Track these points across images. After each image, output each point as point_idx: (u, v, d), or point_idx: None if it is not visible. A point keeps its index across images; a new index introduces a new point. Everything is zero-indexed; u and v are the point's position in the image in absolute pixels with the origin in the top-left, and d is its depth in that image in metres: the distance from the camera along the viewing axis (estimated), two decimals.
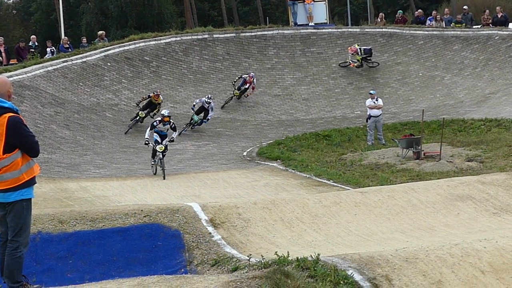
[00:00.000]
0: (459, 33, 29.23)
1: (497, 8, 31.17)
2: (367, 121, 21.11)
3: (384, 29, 30.06)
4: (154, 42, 27.58)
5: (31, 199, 6.32)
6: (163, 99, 24.39)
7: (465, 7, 32.21)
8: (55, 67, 24.40)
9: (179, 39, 28.16)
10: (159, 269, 8.20)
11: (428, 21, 30.93)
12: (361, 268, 6.77)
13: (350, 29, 30.63)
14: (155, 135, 18.04)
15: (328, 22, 32.11)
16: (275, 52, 28.82)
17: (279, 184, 15.72)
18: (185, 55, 27.73)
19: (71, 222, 9.10)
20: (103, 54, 26.18)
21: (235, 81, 25.92)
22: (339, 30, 30.23)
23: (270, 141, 21.96)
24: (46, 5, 50.78)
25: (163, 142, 17.78)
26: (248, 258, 7.53)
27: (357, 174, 16.39)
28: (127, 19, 44.24)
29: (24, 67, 23.81)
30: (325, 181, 15.73)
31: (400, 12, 33.27)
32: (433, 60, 28.37)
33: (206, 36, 28.63)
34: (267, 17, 46.17)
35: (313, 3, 30.73)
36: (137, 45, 27.15)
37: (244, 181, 16.26)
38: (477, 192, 10.96)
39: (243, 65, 27.99)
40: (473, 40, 28.62)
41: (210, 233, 8.93)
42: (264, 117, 25.86)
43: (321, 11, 31.23)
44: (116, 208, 10.11)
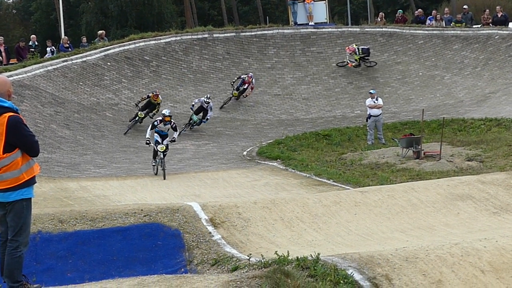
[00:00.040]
0: (459, 32, 29.23)
1: (497, 7, 31.16)
2: (367, 121, 21.10)
3: (384, 29, 30.05)
4: (154, 41, 27.57)
5: (31, 198, 6.32)
6: (163, 99, 24.37)
7: (465, 6, 32.20)
8: (55, 67, 24.39)
9: (179, 38, 28.15)
10: (159, 268, 8.20)
11: (428, 20, 30.93)
12: (361, 267, 6.77)
13: (350, 29, 30.62)
14: (156, 135, 17.87)
15: (328, 21, 32.10)
16: (275, 51, 28.81)
17: (279, 183, 15.71)
18: (185, 54, 27.73)
19: (71, 221, 9.10)
20: (103, 53, 26.18)
21: (233, 81, 25.88)
22: (339, 29, 30.23)
23: (270, 141, 21.96)
24: (46, 4, 50.80)
25: (164, 142, 17.68)
26: (248, 257, 7.53)
27: (357, 173, 16.38)
28: (127, 18, 44.26)
29: (24, 66, 23.80)
30: (325, 180, 15.73)
31: (400, 11, 33.28)
32: (433, 59, 28.36)
33: (206, 35, 28.63)
34: (267, 17, 46.17)
35: (313, 2, 30.72)
36: (137, 45, 27.15)
37: (244, 181, 16.26)
38: (477, 191, 10.97)
39: (243, 65, 27.99)
40: (473, 39, 28.62)
41: (210, 233, 8.93)
42: (264, 117, 25.86)
43: (321, 10, 31.23)
44: (116, 207, 10.11)
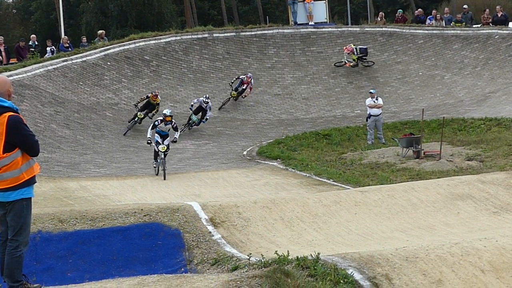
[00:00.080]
0: (459, 32, 29.22)
1: (497, 7, 31.17)
2: (367, 120, 21.10)
3: (384, 28, 30.04)
4: (154, 41, 27.57)
5: (31, 198, 6.31)
6: (163, 99, 24.36)
7: (465, 6, 32.20)
8: (55, 67, 24.39)
9: (179, 38, 28.15)
10: (159, 268, 8.20)
11: (428, 20, 30.93)
12: (361, 267, 6.77)
13: (350, 28, 30.61)
14: (156, 136, 17.75)
15: (328, 21, 32.11)
16: (275, 51, 28.81)
17: (279, 183, 15.71)
18: (185, 54, 27.72)
19: (71, 221, 9.10)
20: (103, 53, 26.17)
21: (232, 82, 25.82)
22: (339, 29, 30.22)
23: (270, 140, 21.96)
24: (46, 4, 50.77)
25: (165, 142, 17.58)
26: (248, 257, 7.53)
27: (357, 173, 16.38)
28: (127, 18, 44.25)
29: (24, 66, 23.80)
30: (325, 180, 15.73)
31: (400, 11, 33.29)
32: (433, 59, 28.36)
33: (206, 35, 28.62)
34: (267, 16, 46.14)
35: (313, 2, 30.72)
36: (137, 45, 27.14)
37: (244, 180, 16.26)
38: (477, 191, 10.97)
39: (243, 64, 27.99)
40: (473, 39, 28.61)
41: (210, 232, 8.94)
42: (264, 116, 25.85)
43: (321, 10, 31.23)
44: (116, 207, 10.11)
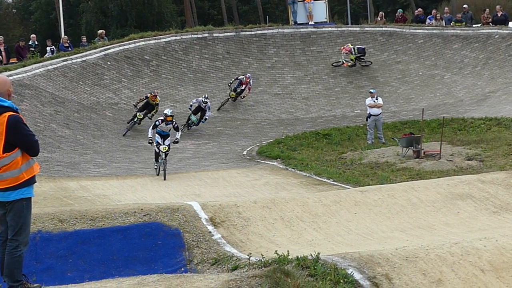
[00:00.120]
0: (459, 32, 29.22)
1: (497, 7, 31.16)
2: (367, 120, 21.10)
3: (384, 28, 30.04)
4: (154, 41, 27.56)
5: (31, 198, 6.31)
6: (163, 98, 24.34)
7: (465, 6, 32.19)
8: (55, 66, 24.38)
9: (179, 38, 28.14)
10: (159, 268, 8.20)
11: (428, 20, 30.93)
12: (361, 267, 6.77)
13: (350, 28, 30.61)
14: (157, 136, 17.59)
15: (328, 21, 32.10)
16: (275, 51, 28.80)
17: (279, 183, 15.71)
18: (185, 54, 27.71)
19: (71, 221, 9.10)
20: (103, 53, 26.17)
21: (231, 83, 25.75)
22: (339, 29, 30.22)
23: (270, 140, 21.95)
24: (46, 4, 50.76)
25: (165, 142, 17.46)
26: (248, 257, 7.53)
27: (357, 173, 16.38)
28: (127, 18, 44.23)
29: (24, 66, 23.79)
30: (325, 180, 15.73)
31: (400, 11, 33.28)
32: (433, 59, 28.35)
33: (206, 35, 28.61)
34: (267, 16, 46.13)
35: (313, 2, 30.71)
36: (137, 44, 27.13)
37: (244, 180, 16.26)
38: (477, 191, 10.97)
39: (243, 64, 27.98)
40: (473, 39, 28.61)
41: (210, 232, 8.94)
42: (264, 116, 25.85)
43: (321, 10, 31.23)
44: (116, 207, 10.11)
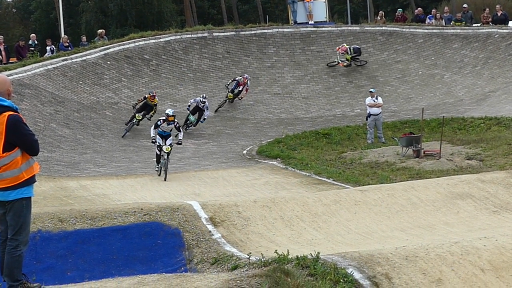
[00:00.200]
0: (459, 31, 29.22)
1: (497, 6, 31.15)
2: (367, 120, 21.10)
3: (384, 28, 30.03)
4: (154, 40, 27.55)
5: (31, 197, 6.31)
6: (163, 98, 24.31)
7: (464, 5, 32.18)
8: (55, 66, 24.37)
9: (178, 37, 28.13)
10: (159, 267, 8.20)
11: (427, 19, 30.92)
12: (361, 266, 6.77)
13: (350, 28, 30.61)
14: (157, 137, 17.44)
15: (328, 20, 32.10)
16: (275, 50, 28.79)
17: (279, 182, 15.71)
18: (185, 53, 27.70)
19: (71, 220, 9.10)
20: (103, 52, 26.16)
21: (228, 84, 25.72)
22: (339, 28, 30.21)
23: (270, 140, 21.96)
24: (46, 3, 50.76)
25: (167, 142, 17.35)
26: (248, 256, 7.53)
27: (357, 172, 16.38)
28: (127, 17, 44.24)
29: (24, 65, 23.78)
30: (325, 179, 15.73)
31: (400, 10, 33.28)
32: (433, 58, 28.35)
33: (205, 34, 28.60)
34: (267, 16, 46.15)
35: (313, 1, 30.70)
36: (137, 44, 27.13)
37: (244, 180, 16.26)
38: (477, 190, 10.97)
39: (243, 64, 27.97)
40: (473, 38, 28.61)
41: (210, 232, 8.93)
42: (264, 116, 25.84)
43: (321, 9, 31.22)
44: (116, 206, 10.11)
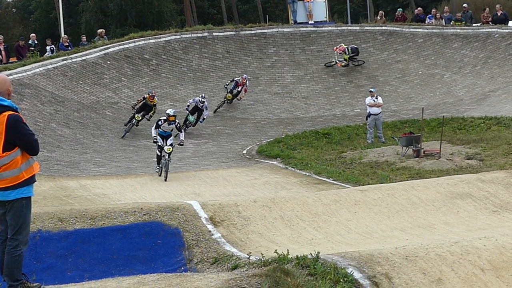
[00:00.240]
0: (458, 31, 29.22)
1: (497, 6, 31.14)
2: (366, 119, 21.10)
3: (383, 27, 30.03)
4: (153, 40, 27.54)
5: (30, 197, 6.31)
6: (163, 98, 24.30)
7: (464, 5, 32.19)
8: (55, 65, 24.37)
9: (178, 37, 28.13)
10: (159, 267, 8.20)
11: (427, 19, 30.92)
12: (361, 266, 6.77)
13: (349, 27, 30.61)
14: (158, 137, 17.41)
15: (327, 20, 32.11)
16: (275, 50, 28.79)
17: (278, 182, 15.71)
18: (184, 53, 27.70)
19: (71, 220, 9.10)
20: (103, 52, 26.15)
21: (227, 84, 25.68)
22: (339, 28, 30.22)
23: (269, 139, 21.96)
24: (45, 3, 50.78)
25: (168, 141, 17.31)
26: (248, 256, 7.53)
27: (357, 172, 16.38)
28: (127, 17, 44.25)
29: (23, 65, 23.78)
30: (325, 179, 15.73)
31: (399, 10, 33.29)
32: (432, 58, 28.35)
33: (205, 34, 28.60)
34: (267, 15, 46.17)
35: (312, 1, 30.71)
36: (137, 43, 27.13)
37: (243, 179, 16.26)
38: (476, 190, 10.97)
39: (243, 63, 27.97)
40: (472, 38, 28.61)
41: (210, 231, 8.93)
42: (263, 115, 25.84)
43: (320, 9, 31.23)
44: (116, 206, 10.11)
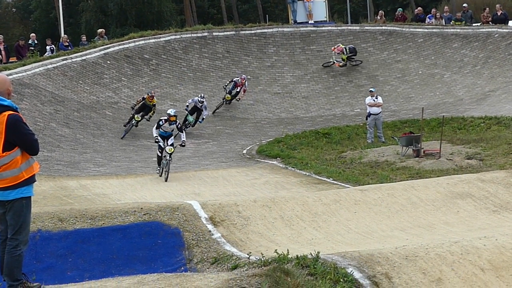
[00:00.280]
0: (458, 31, 29.22)
1: (497, 5, 31.14)
2: (366, 119, 21.10)
3: (383, 27, 30.03)
4: (153, 40, 27.54)
5: (30, 197, 6.31)
6: (163, 97, 24.29)
7: (464, 5, 32.19)
8: (55, 65, 24.37)
9: (178, 37, 28.13)
10: (159, 267, 8.20)
11: (427, 19, 30.92)
12: (361, 266, 6.77)
13: (349, 27, 30.61)
14: (159, 138, 17.37)
15: (327, 20, 32.11)
16: (275, 50, 28.79)
17: (278, 182, 15.71)
18: (184, 53, 27.70)
19: (71, 220, 9.10)
20: (103, 52, 26.15)
21: (226, 85, 25.63)
22: (339, 28, 30.22)
23: (269, 139, 21.95)
24: (45, 3, 50.78)
25: (169, 141, 17.26)
26: (248, 256, 7.53)
27: (357, 172, 16.38)
28: (127, 17, 44.26)
29: (23, 65, 23.77)
30: (324, 179, 15.73)
31: (399, 10, 33.29)
32: (432, 58, 28.35)
33: (205, 34, 28.60)
34: (267, 15, 46.17)
35: (312, 1, 30.71)
36: (137, 43, 27.12)
37: (243, 179, 16.26)
38: (476, 190, 10.96)
39: (243, 63, 27.97)
40: (472, 38, 28.61)
41: (209, 231, 8.93)
42: (263, 115, 25.84)
43: (320, 9, 31.23)
44: (116, 206, 10.10)
